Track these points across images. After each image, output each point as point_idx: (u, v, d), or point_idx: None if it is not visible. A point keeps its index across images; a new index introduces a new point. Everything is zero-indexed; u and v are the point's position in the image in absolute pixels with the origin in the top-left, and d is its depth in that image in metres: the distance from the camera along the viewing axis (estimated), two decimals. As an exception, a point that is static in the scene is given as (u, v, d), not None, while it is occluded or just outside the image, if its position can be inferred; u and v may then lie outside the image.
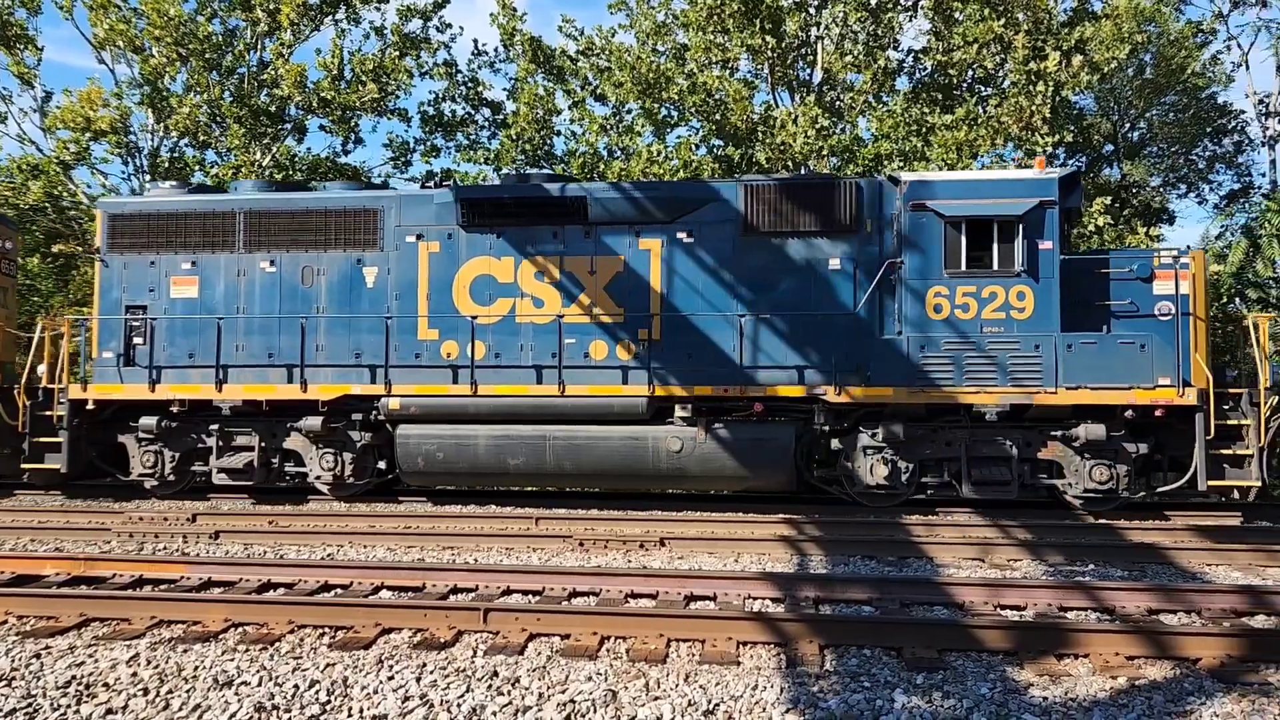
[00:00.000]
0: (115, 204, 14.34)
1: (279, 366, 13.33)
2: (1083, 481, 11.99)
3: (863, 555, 9.92)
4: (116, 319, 13.64)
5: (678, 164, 19.52)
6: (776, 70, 21.11)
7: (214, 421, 13.39)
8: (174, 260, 13.64)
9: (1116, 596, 7.56)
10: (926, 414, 12.34)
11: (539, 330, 12.92)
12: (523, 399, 12.77)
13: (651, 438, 12.50)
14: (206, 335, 13.37)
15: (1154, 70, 25.49)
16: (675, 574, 8.17)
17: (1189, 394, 11.56)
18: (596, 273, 12.92)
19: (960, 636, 6.36)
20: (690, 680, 5.78)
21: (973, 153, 19.24)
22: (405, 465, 12.94)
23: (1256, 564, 9.59)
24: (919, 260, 12.17)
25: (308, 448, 13.34)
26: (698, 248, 12.79)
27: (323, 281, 13.43)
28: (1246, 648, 6.08)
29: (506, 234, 13.06)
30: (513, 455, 12.68)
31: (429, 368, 13.08)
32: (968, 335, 12.01)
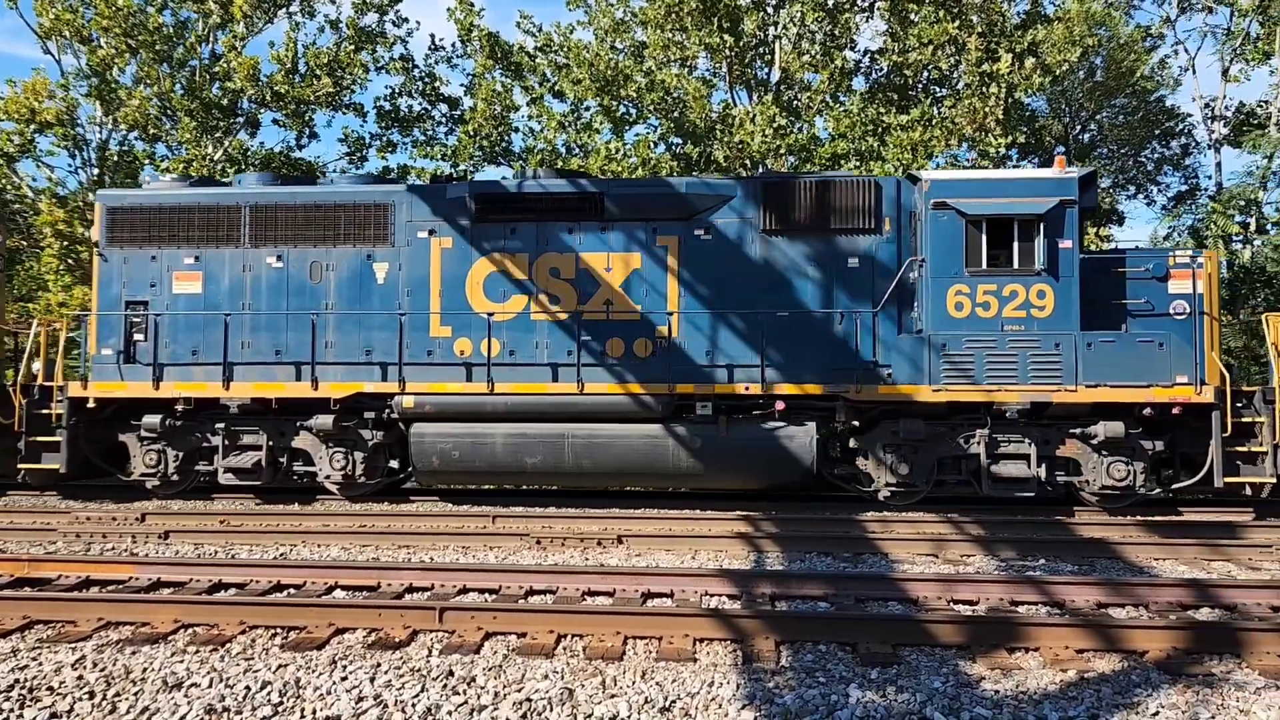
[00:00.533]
0: (115, 197, 13.82)
1: (286, 364, 13.03)
2: (1100, 479, 12.05)
3: (819, 552, 9.99)
4: (116, 315, 13.26)
5: (636, 161, 19.53)
6: (734, 69, 21.19)
7: (220, 420, 13.11)
8: (176, 255, 13.30)
9: (1066, 591, 7.67)
10: (946, 412, 12.33)
11: (554, 327, 12.79)
12: (541, 397, 12.61)
13: (672, 435, 12.45)
14: (211, 332, 13.05)
15: (1104, 73, 25.96)
16: (632, 571, 8.17)
17: (1206, 392, 11.71)
18: (613, 270, 12.81)
19: (914, 631, 6.42)
20: (647, 677, 5.78)
21: (928, 153, 19.47)
22: (420, 464, 12.73)
23: (1202, 558, 9.79)
24: (940, 258, 12.08)
25: (317, 447, 13.10)
26: (716, 245, 12.73)
27: (332, 277, 13.15)
28: (1191, 640, 6.20)
29: (521, 230, 12.91)
30: (530, 454, 12.53)
31: (442, 365, 12.87)
32: (989, 333, 12.00)
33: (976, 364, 11.96)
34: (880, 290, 12.37)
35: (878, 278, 12.43)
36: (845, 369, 12.27)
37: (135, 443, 13.29)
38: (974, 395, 11.99)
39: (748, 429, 12.41)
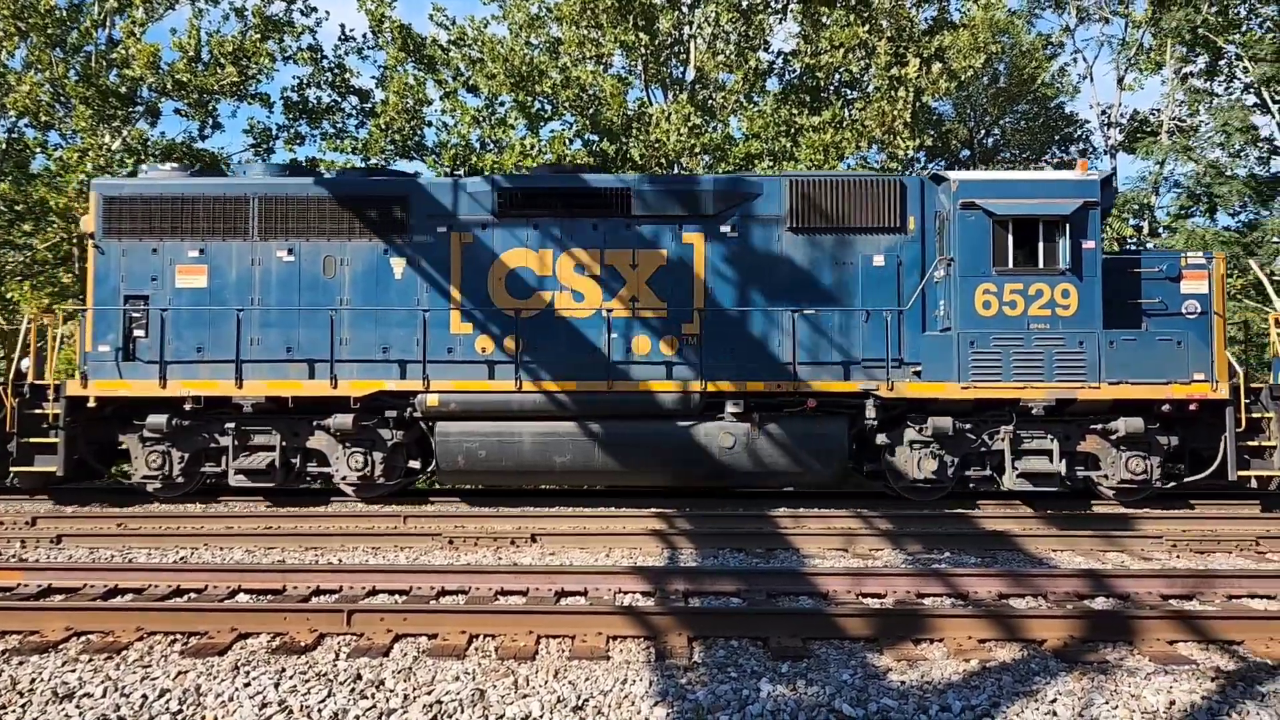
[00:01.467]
0: (113, 185, 13.11)
1: (299, 362, 12.58)
2: (1119, 473, 12.34)
3: (732, 548, 10.07)
4: (114, 310, 12.61)
5: (551, 158, 19.43)
6: (650, 67, 21.24)
7: (230, 420, 12.57)
8: (179, 247, 12.70)
9: (970, 582, 7.87)
10: (973, 408, 12.45)
11: (579, 324, 12.63)
12: (570, 394, 12.42)
13: (704, 433, 12.38)
14: (218, 327, 12.53)
15: (1007, 79, 26.74)
16: (546, 570, 8.11)
17: (1221, 388, 12.09)
18: (638, 266, 12.72)
19: (824, 625, 6.51)
20: (560, 676, 5.75)
21: (839, 155, 19.80)
22: (445, 464, 12.43)
23: (1098, 549, 10.15)
24: (969, 258, 12.20)
25: (334, 447, 12.66)
26: (741, 242, 12.74)
27: (347, 272, 12.74)
28: (1087, 629, 6.42)
29: (544, 225, 12.74)
30: (560, 452, 12.35)
31: (463, 363, 12.60)
32: (1015, 332, 12.15)
33: (1004, 361, 12.14)
34: (906, 288, 12.63)
35: (903, 276, 12.66)
36: (876, 366, 12.46)
37: (137, 444, 12.65)
38: (1001, 392, 12.17)
39: (780, 427, 12.41)
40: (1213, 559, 9.83)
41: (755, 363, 12.53)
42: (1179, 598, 7.68)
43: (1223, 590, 7.78)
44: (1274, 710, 5.15)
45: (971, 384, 12.13)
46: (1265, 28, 25.81)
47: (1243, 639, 6.29)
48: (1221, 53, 26.25)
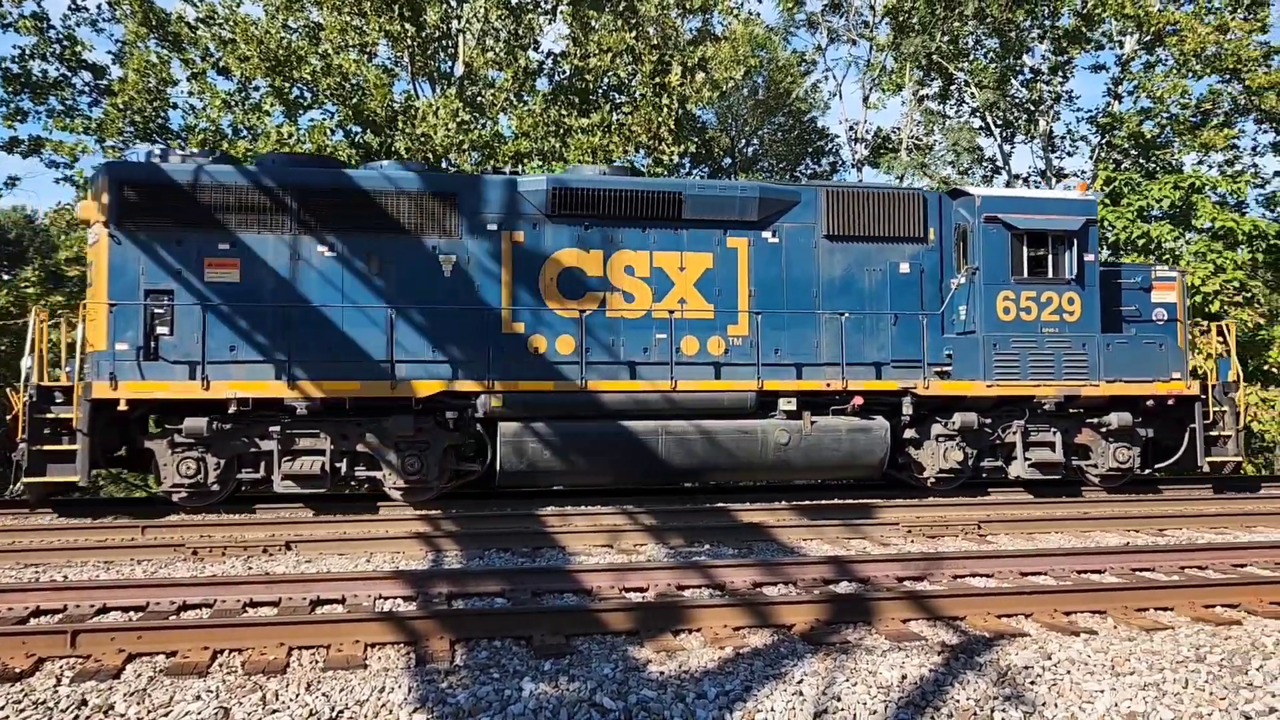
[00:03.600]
0: (129, 169, 11.83)
1: (343, 362, 11.89)
2: (1108, 462, 13.76)
3: (498, 548, 10.00)
4: (134, 305, 11.42)
5: (311, 148, 18.62)
6: (417, 60, 20.77)
7: (274, 423, 11.76)
8: (208, 239, 11.73)
9: (727, 573, 8.17)
10: (992, 405, 13.45)
11: (630, 325, 12.77)
12: (634, 394, 12.54)
13: (760, 430, 12.76)
14: (253, 325, 11.74)
15: (765, 92, 28.06)
16: (300, 578, 7.74)
17: (1194, 386, 13.74)
18: (686, 269, 13.01)
19: (586, 621, 6.56)
20: (312, 689, 5.48)
21: (606, 157, 20.11)
22: (507, 465, 12.14)
23: (843, 537, 10.82)
24: (991, 267, 13.31)
25: (385, 450, 12.11)
26: (782, 248, 13.29)
27: (393, 270, 12.22)
28: (832, 612, 6.80)
29: (595, 226, 12.77)
30: (624, 451, 12.32)
31: (515, 363, 12.37)
32: (1030, 335, 13.40)
33: (1021, 362, 13.37)
34: (928, 294, 13.59)
35: (925, 283, 13.59)
36: (904, 366, 13.32)
37: (165, 449, 11.63)
38: (1020, 390, 13.36)
39: (830, 423, 13.00)
40: (942, 543, 10.68)
41: (800, 363, 13.17)
42: (912, 579, 8.29)
43: (950, 571, 8.47)
44: (990, 679, 5.65)
45: (995, 383, 13.35)
46: (989, 58, 28.45)
47: (965, 615, 6.86)
48: (953, 78, 28.70)
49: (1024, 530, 11.29)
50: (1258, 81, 25.49)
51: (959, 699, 5.38)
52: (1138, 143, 27.17)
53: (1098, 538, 11.08)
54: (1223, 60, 25.51)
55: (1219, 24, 25.65)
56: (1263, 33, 26.45)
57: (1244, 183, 25.98)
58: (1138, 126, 26.92)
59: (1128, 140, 27.11)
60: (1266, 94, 25.48)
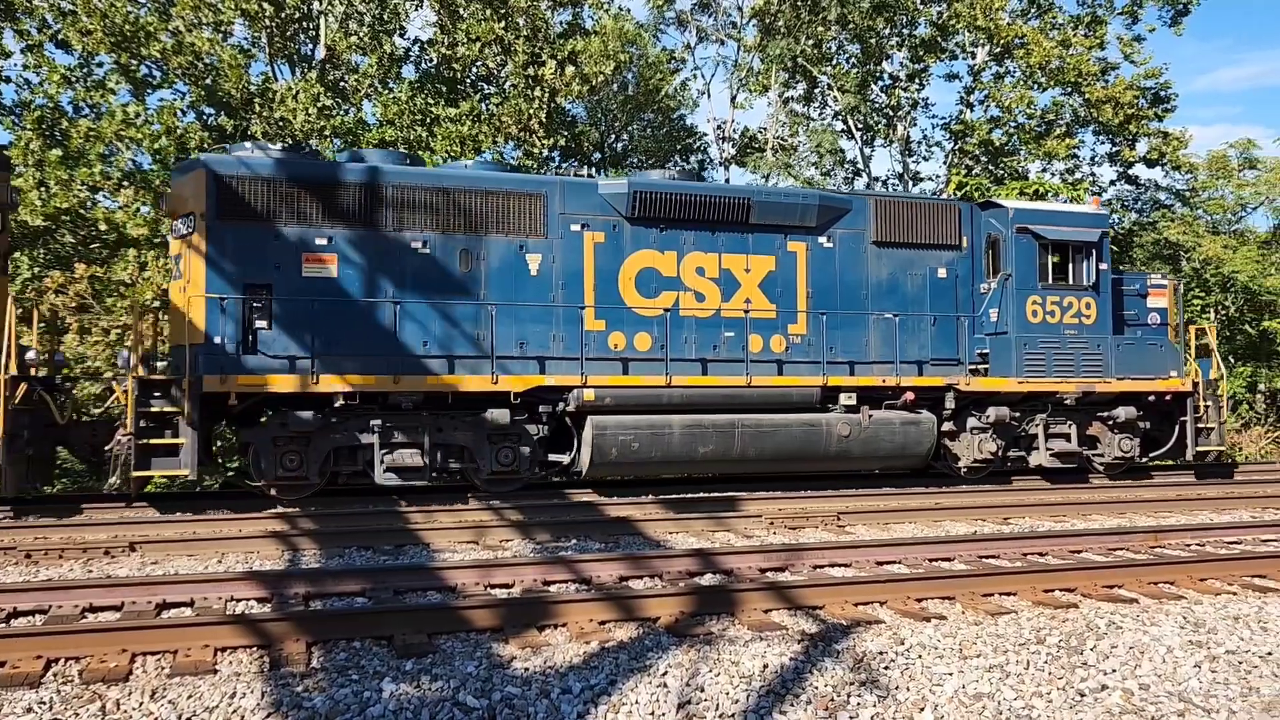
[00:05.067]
0: (226, 163, 11.89)
1: (438, 357, 12.33)
2: (1114, 451, 15.16)
3: (359, 546, 9.75)
4: (233, 299, 11.53)
5: (160, 129, 17.70)
6: (276, 41, 20.03)
7: (375, 416, 12.04)
8: (306, 234, 11.92)
9: (593, 567, 8.18)
10: (1021, 400, 14.66)
11: (701, 323, 13.48)
12: (714, 389, 13.32)
13: (825, 423, 13.67)
14: (350, 320, 11.95)
15: (635, 88, 28.17)
16: (145, 581, 7.37)
17: (1187, 383, 15.19)
18: (751, 271, 13.77)
19: (450, 619, 6.45)
20: (157, 697, 5.22)
21: (475, 148, 19.83)
22: (598, 457, 12.67)
23: (709, 530, 10.97)
24: (1022, 274, 14.62)
25: (479, 443, 12.53)
26: (835, 253, 14.19)
27: (483, 267, 12.66)
28: (696, 604, 6.89)
29: (670, 229, 13.44)
30: (704, 443, 13.06)
31: (598, 359, 12.94)
32: (1054, 336, 14.67)
33: (1047, 361, 14.59)
34: (962, 297, 14.80)
35: (959, 287, 14.77)
36: (948, 363, 14.53)
37: (268, 443, 11.81)
38: (1046, 386, 14.61)
39: (885, 417, 13.96)
40: (803, 533, 10.96)
41: (852, 360, 14.11)
42: (774, 570, 8.47)
43: (810, 561, 8.69)
44: (847, 665, 5.82)
45: (1025, 379, 14.53)
46: (851, 63, 29.31)
47: (824, 604, 7.05)
48: (816, 82, 29.46)
49: (880, 521, 11.69)
50: (1096, 95, 27.08)
51: (818, 686, 5.52)
52: (987, 150, 28.48)
53: (948, 527, 11.57)
54: (1065, 74, 26.97)
55: (1062, 39, 27.13)
56: (1100, 49, 28.11)
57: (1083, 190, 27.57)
58: (987, 134, 28.20)
59: (978, 147, 28.37)
60: (1104, 107, 27.09)
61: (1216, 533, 10.53)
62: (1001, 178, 28.08)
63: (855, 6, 26.62)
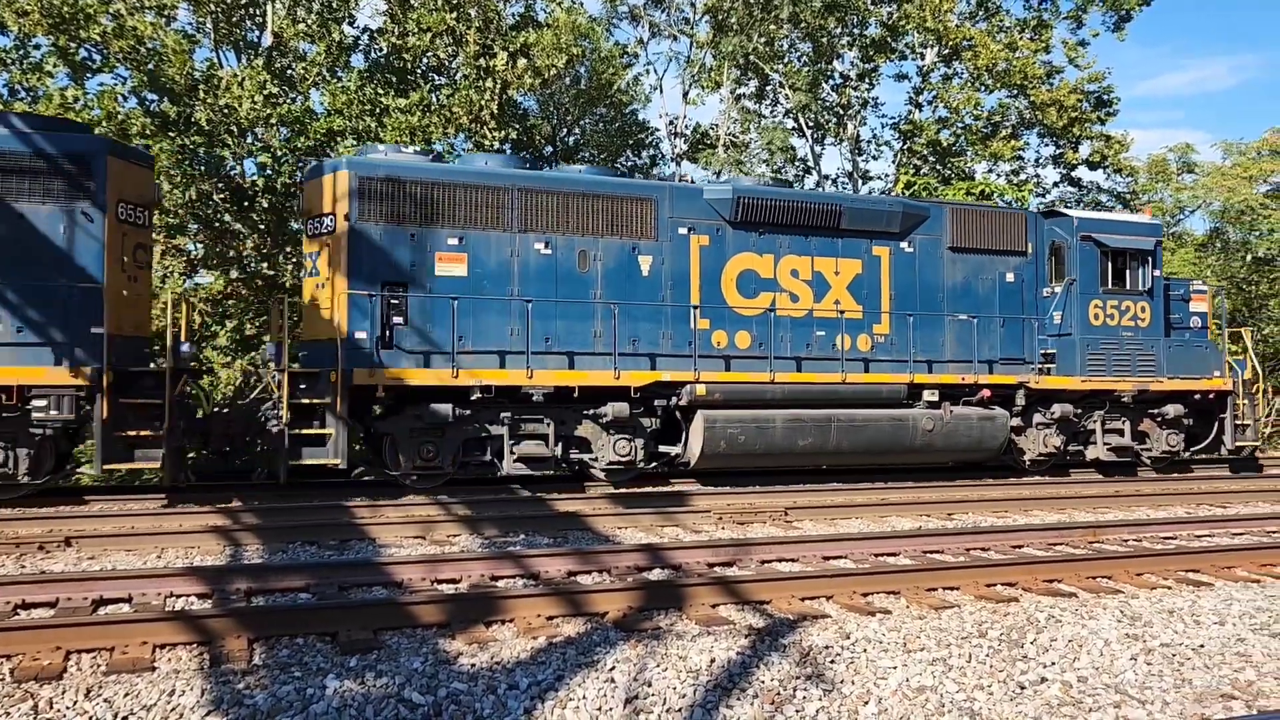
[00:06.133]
0: (366, 165, 12.44)
1: (559, 353, 13.02)
2: (1161, 445, 16.22)
3: (304, 541, 9.62)
4: (373, 296, 12.03)
5: (100, 114, 17.27)
6: (221, 26, 19.63)
7: (504, 409, 12.66)
8: (439, 235, 12.55)
9: (542, 563, 8.14)
10: (1082, 398, 15.61)
11: (796, 323, 14.25)
12: (813, 385, 14.02)
13: (911, 418, 14.45)
14: (481, 317, 12.63)
15: (587, 82, 28.07)
16: (80, 576, 7.19)
17: (1228, 382, 16.32)
18: (840, 274, 14.59)
19: (395, 615, 6.39)
20: (92, 695, 5.10)
21: (426, 139, 19.61)
22: (709, 449, 13.28)
23: (658, 525, 10.98)
24: (1085, 279, 15.56)
25: (598, 434, 13.27)
26: (915, 257, 15.04)
27: (599, 267, 13.34)
28: (644, 599, 6.89)
29: (768, 233, 14.19)
30: (803, 436, 13.76)
31: (703, 356, 13.63)
32: (1113, 338, 15.66)
33: (1106, 361, 15.58)
34: (1028, 300, 15.69)
35: (1024, 291, 15.67)
36: (1014, 363, 15.41)
37: (405, 434, 12.35)
38: (1106, 384, 15.61)
39: (963, 413, 14.79)
40: (751, 529, 11.02)
41: (931, 359, 14.92)
42: (722, 565, 8.51)
43: (758, 556, 8.75)
44: (793, 659, 5.86)
45: (1087, 378, 15.47)
46: (802, 62, 29.50)
47: (771, 598, 7.10)
48: (768, 79, 29.61)
49: (828, 516, 11.80)
50: (1041, 98, 27.55)
51: (764, 680, 5.55)
52: (935, 149, 28.86)
53: (894, 522, 11.71)
54: (1011, 76, 27.41)
55: (1009, 42, 27.55)
56: (1046, 53, 28.61)
57: (1027, 191, 28.05)
58: (935, 134, 28.58)
59: (926, 147, 28.74)
60: (1048, 109, 27.58)
61: (1154, 528, 10.78)
62: (949, 177, 28.46)
63: (807, 5, 26.79)
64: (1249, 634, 6.65)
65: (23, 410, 10.87)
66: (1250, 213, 33.10)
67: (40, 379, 10.80)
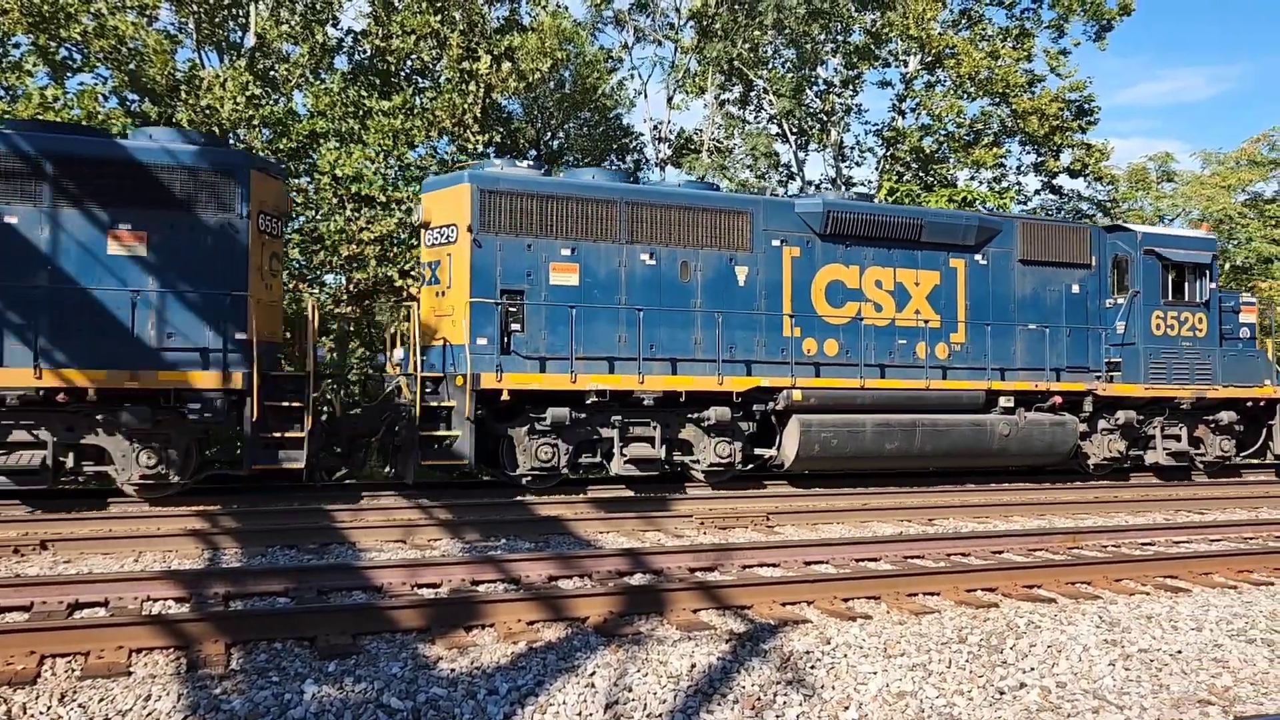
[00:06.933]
0: (487, 179, 13.02)
1: (662, 360, 13.51)
2: (1214, 451, 16.90)
3: (283, 545, 9.56)
4: (493, 304, 12.67)
5: (80, 114, 17.13)
6: (203, 27, 19.52)
7: (615, 413, 13.24)
8: (553, 245, 13.09)
9: (522, 567, 8.12)
10: (1144, 405, 16.29)
11: (879, 331, 14.78)
12: (900, 391, 14.65)
13: (989, 423, 15.09)
14: (591, 325, 13.15)
15: (572, 86, 28.06)
16: (56, 580, 7.12)
17: (1279, 391, 17.18)
18: (919, 285, 15.16)
19: (375, 619, 6.35)
20: (67, 700, 5.05)
21: (409, 142, 19.55)
22: (804, 451, 13.81)
23: (639, 529, 10.96)
24: (1148, 291, 16.20)
25: (699, 437, 13.83)
26: (989, 269, 15.68)
27: (699, 277, 13.87)
28: (625, 604, 6.87)
29: (854, 245, 14.74)
30: (890, 440, 14.25)
31: (794, 364, 14.17)
32: (1173, 348, 16.31)
33: (1167, 369, 16.25)
34: (1092, 311, 16.33)
35: (1089, 302, 16.32)
36: (1079, 371, 16.03)
37: (524, 436, 12.88)
38: (1167, 391, 16.29)
39: (1036, 418, 15.44)
40: (732, 534, 11.02)
41: (1004, 367, 15.47)
42: (703, 569, 8.50)
43: (739, 561, 8.74)
44: (774, 665, 5.86)
45: (1150, 386, 16.14)
46: (786, 68, 29.59)
47: (752, 603, 7.10)
48: (752, 85, 29.68)
49: (809, 521, 11.81)
50: (1023, 106, 27.72)
51: (745, 685, 5.54)
52: (918, 157, 28.98)
53: (875, 527, 11.74)
54: (993, 85, 27.57)
55: (991, 51, 27.72)
56: (1028, 61, 28.79)
57: (1009, 199, 28.21)
58: (918, 141, 28.70)
59: (909, 154, 28.85)
60: (1030, 118, 27.75)
61: (1132, 534, 10.85)
62: (931, 184, 28.59)
63: (791, 12, 26.87)
64: (1226, 640, 6.70)
65: (177, 412, 11.33)
66: (1229, 222, 33.44)
67: (196, 383, 11.32)
